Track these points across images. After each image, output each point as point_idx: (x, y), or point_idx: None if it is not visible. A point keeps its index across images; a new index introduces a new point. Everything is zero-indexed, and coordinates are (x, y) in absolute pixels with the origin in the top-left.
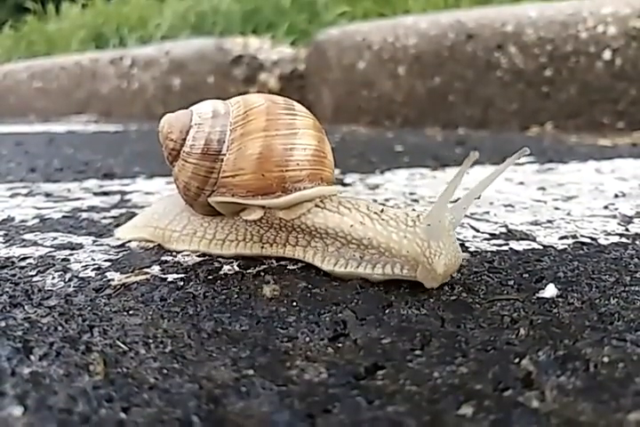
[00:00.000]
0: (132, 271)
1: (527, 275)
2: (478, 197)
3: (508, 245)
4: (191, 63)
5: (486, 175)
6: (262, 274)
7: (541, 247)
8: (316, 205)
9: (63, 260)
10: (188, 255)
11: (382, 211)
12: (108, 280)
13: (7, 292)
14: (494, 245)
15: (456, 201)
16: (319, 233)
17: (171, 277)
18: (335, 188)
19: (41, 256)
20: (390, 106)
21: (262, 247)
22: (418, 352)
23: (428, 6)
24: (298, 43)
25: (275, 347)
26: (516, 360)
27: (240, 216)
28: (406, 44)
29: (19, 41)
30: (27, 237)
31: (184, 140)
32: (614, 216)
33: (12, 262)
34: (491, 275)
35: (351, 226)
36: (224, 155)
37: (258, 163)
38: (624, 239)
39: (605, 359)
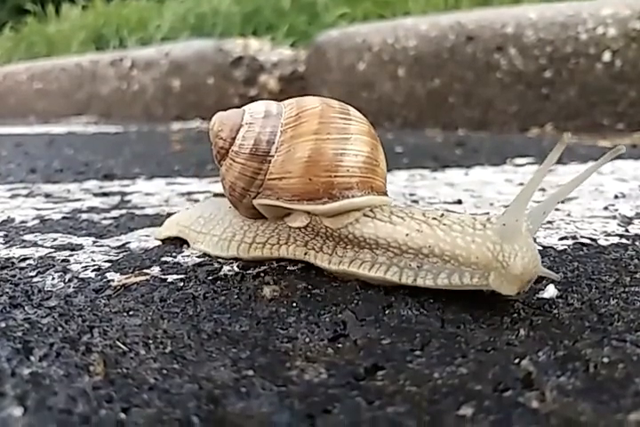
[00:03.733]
0: (131, 272)
1: None
2: (562, 202)
3: None
4: (191, 64)
5: (573, 177)
6: (262, 275)
7: (541, 248)
8: (365, 215)
9: (63, 260)
10: (187, 256)
11: (442, 215)
12: (108, 281)
13: (7, 292)
14: None
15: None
16: (368, 244)
17: (170, 278)
18: (387, 198)
19: (41, 257)
20: (390, 107)
21: (306, 253)
22: (418, 353)
23: (428, 8)
24: (298, 44)
25: (274, 347)
26: (516, 361)
27: (285, 221)
28: (406, 45)
29: (19, 42)
30: (27, 237)
31: (234, 139)
32: (614, 217)
33: (12, 263)
34: None
35: (407, 235)
36: (272, 156)
37: (305, 166)
38: (624, 240)
39: (605, 360)
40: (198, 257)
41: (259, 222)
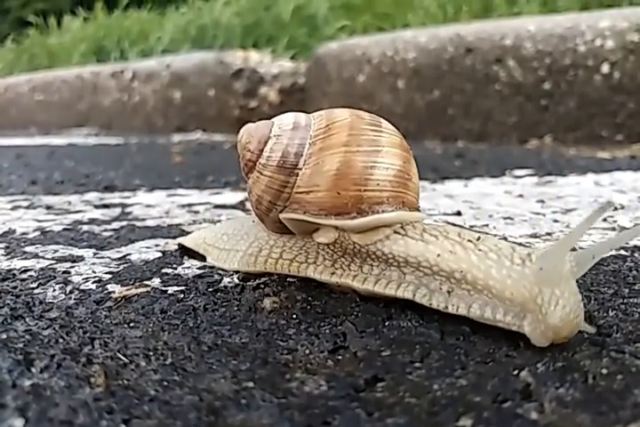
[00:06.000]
0: (132, 284)
1: None
2: (616, 249)
3: None
4: (192, 76)
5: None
6: (262, 286)
7: None
8: (396, 232)
9: (64, 272)
10: (188, 268)
11: (479, 239)
12: (109, 293)
13: (8, 304)
14: None
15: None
16: (397, 261)
17: (171, 290)
18: (419, 214)
19: (42, 269)
20: (390, 119)
21: (333, 273)
22: (417, 364)
23: (427, 20)
24: (298, 56)
25: (275, 359)
26: (515, 372)
27: (312, 238)
28: (405, 57)
29: (20, 54)
30: (28, 249)
31: (261, 151)
32: (613, 229)
33: (14, 275)
34: None
35: (438, 255)
36: (300, 169)
37: (334, 180)
38: (622, 252)
39: (604, 371)
40: (198, 269)
41: (285, 238)
